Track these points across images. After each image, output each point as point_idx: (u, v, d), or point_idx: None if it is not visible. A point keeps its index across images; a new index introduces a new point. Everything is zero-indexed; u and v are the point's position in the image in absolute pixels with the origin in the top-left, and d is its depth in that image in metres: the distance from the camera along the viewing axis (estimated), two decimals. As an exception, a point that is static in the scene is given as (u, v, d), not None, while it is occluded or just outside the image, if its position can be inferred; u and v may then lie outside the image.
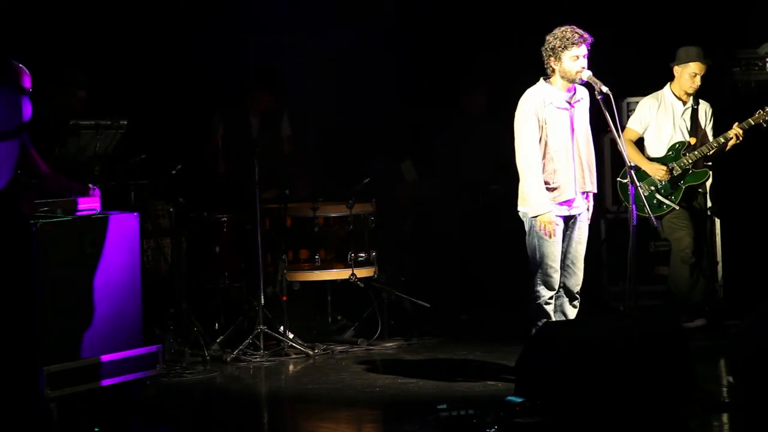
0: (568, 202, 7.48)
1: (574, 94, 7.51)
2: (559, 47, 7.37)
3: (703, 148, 8.91)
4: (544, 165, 7.43)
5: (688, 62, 8.96)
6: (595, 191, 7.64)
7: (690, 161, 8.92)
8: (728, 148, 8.87)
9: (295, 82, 10.41)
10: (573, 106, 7.50)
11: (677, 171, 8.93)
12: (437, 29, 10.79)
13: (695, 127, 9.02)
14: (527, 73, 7.63)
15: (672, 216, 8.97)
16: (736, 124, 8.79)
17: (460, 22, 10.72)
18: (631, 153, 8.85)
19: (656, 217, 8.76)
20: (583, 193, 7.56)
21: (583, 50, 7.37)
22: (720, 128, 8.97)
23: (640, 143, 9.13)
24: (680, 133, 9.02)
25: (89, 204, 7.20)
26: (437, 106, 10.77)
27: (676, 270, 8.99)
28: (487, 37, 10.61)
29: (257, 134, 9.62)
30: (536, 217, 7.38)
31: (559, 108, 7.45)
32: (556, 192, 7.44)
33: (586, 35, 7.39)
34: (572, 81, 7.41)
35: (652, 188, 8.95)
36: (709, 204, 9.45)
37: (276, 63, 10.34)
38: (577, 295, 7.60)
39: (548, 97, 7.44)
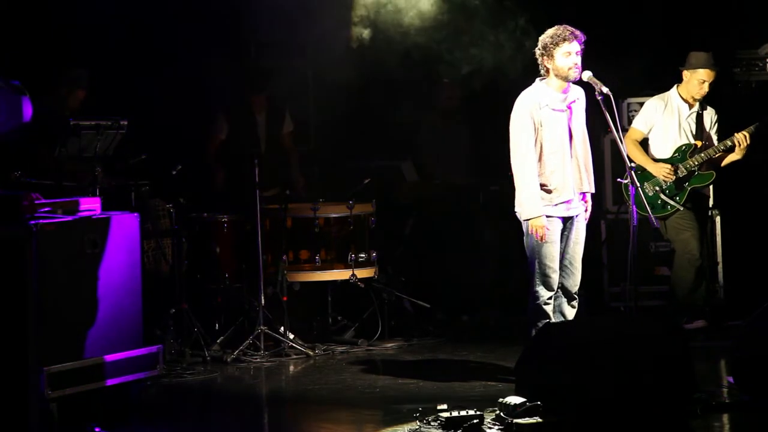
0: (565, 203, 7.48)
1: (570, 94, 7.50)
2: (551, 44, 7.35)
3: (710, 150, 8.89)
4: (540, 166, 7.42)
5: (698, 68, 8.92)
6: (593, 191, 7.63)
7: (696, 163, 8.90)
8: (738, 150, 8.83)
9: (296, 80, 10.44)
10: (569, 108, 7.49)
11: (683, 172, 8.90)
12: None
13: (700, 131, 9.00)
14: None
15: (677, 217, 8.94)
16: (745, 130, 8.76)
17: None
18: (636, 153, 8.85)
19: (661, 218, 8.78)
20: (581, 193, 7.56)
21: (575, 47, 7.34)
22: (723, 132, 8.95)
23: (644, 144, 9.11)
24: (684, 136, 8.99)
25: (90, 205, 7.20)
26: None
27: (680, 272, 8.94)
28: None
29: (264, 133, 9.66)
30: (528, 220, 7.38)
31: (554, 110, 7.44)
32: (553, 193, 7.43)
33: (577, 32, 7.36)
34: (566, 79, 7.39)
35: (657, 189, 8.92)
36: (711, 204, 9.44)
37: (276, 62, 10.36)
38: (576, 296, 7.60)
39: (544, 99, 7.42)
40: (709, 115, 9.05)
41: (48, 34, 9.38)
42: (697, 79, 8.93)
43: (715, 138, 9.00)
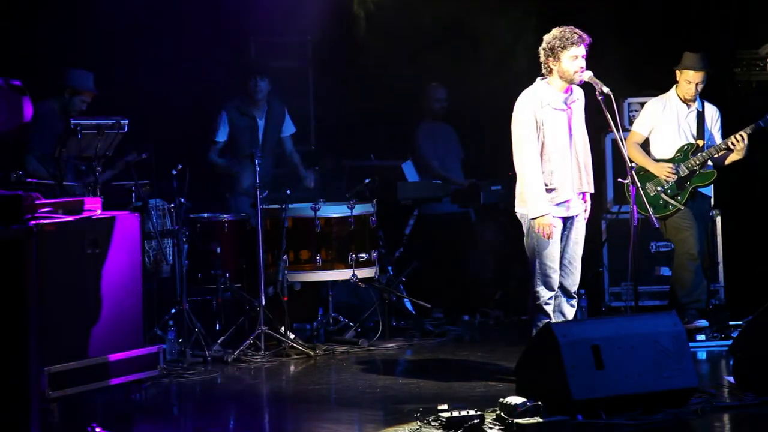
0: (565, 203, 7.48)
1: (571, 94, 7.51)
2: (558, 47, 7.36)
3: (711, 149, 8.87)
4: (541, 165, 7.42)
5: (684, 69, 8.93)
6: (593, 191, 7.63)
7: (697, 162, 8.89)
8: (736, 150, 8.81)
9: (296, 81, 10.43)
10: (570, 107, 7.49)
11: (684, 172, 8.88)
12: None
13: (701, 130, 8.99)
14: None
15: (677, 217, 8.92)
16: (743, 131, 8.75)
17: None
18: (636, 155, 8.83)
19: (661, 218, 8.76)
20: (581, 193, 7.56)
21: (581, 50, 7.36)
22: (725, 130, 8.95)
23: (645, 145, 9.09)
24: (684, 136, 8.97)
25: (91, 205, 7.20)
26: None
27: (680, 271, 8.92)
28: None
29: (264, 134, 9.66)
30: (535, 218, 7.38)
31: (556, 109, 7.44)
32: (553, 193, 7.43)
33: (584, 36, 7.38)
34: (570, 81, 7.41)
35: (659, 189, 8.89)
36: (712, 204, 9.43)
37: (276, 63, 10.36)
38: (575, 295, 7.60)
39: (545, 98, 7.43)
40: (710, 113, 9.03)
41: (50, 35, 9.39)
42: (685, 80, 8.93)
43: (718, 135, 8.99)
